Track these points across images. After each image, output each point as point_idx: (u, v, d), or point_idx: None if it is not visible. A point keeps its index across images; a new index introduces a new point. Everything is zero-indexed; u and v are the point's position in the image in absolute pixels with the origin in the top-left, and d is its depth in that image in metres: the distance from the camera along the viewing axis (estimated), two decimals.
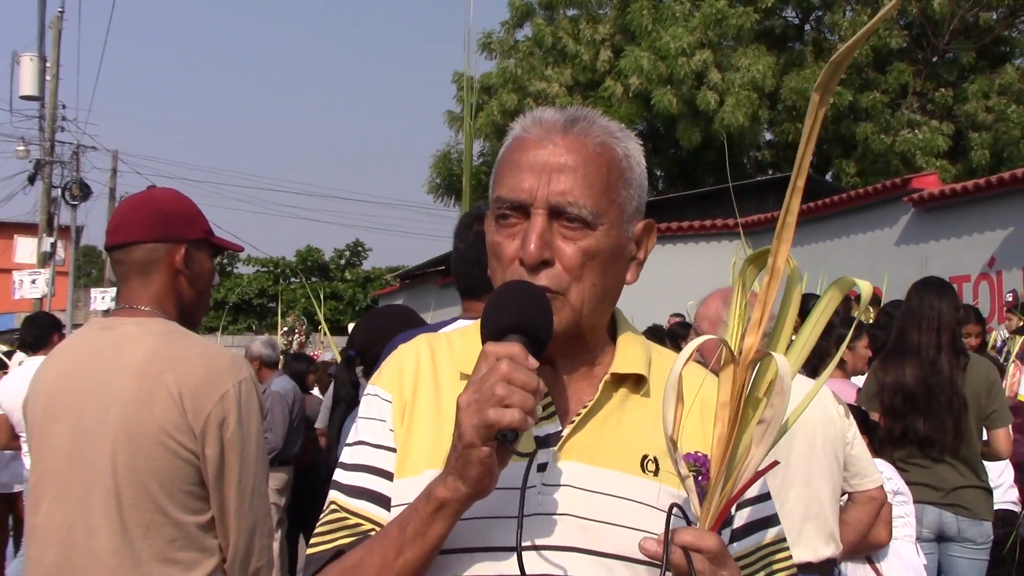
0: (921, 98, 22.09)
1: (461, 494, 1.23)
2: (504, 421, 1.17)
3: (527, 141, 1.42)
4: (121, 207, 2.49)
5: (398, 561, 1.28)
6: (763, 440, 1.24)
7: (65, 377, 2.31)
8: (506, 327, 1.27)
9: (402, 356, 1.51)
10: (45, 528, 2.25)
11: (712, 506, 1.26)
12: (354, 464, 1.45)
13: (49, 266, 22.61)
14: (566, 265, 1.37)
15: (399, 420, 1.43)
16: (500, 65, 23.94)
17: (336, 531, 1.41)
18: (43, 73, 24.39)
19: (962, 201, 12.25)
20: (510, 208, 1.39)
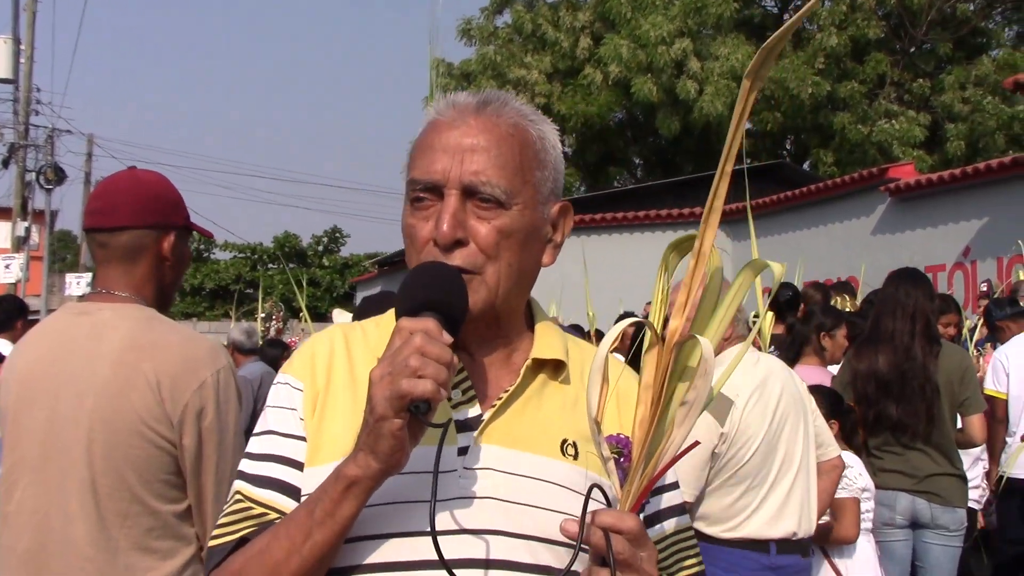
0: (898, 88, 22.20)
1: (373, 470, 1.22)
2: (417, 391, 1.17)
3: (440, 123, 1.42)
4: (107, 188, 2.42)
5: (306, 544, 1.25)
6: (685, 421, 1.26)
7: (40, 363, 2.28)
8: (420, 305, 1.27)
9: (315, 344, 1.49)
10: (19, 516, 2.23)
11: (633, 488, 1.27)
12: (262, 454, 1.42)
13: (23, 251, 22.41)
14: (481, 244, 1.38)
15: (310, 409, 1.41)
16: (479, 52, 23.87)
17: (240, 521, 1.38)
18: (17, 56, 24.11)
19: (938, 191, 12.34)
20: (423, 190, 1.39)
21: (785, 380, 3.56)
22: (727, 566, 3.41)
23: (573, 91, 22.53)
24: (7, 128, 25.30)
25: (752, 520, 3.41)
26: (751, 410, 3.43)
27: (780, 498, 3.43)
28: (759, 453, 3.41)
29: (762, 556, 3.40)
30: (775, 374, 3.55)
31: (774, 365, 3.64)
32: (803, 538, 3.50)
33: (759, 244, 15.58)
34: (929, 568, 4.69)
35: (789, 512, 3.45)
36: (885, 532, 4.60)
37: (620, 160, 25.70)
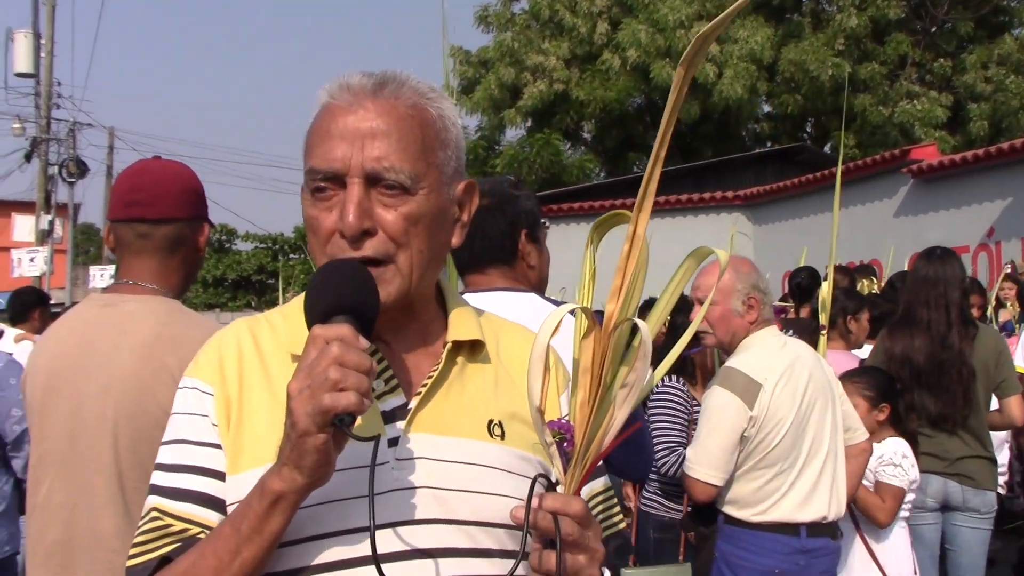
0: (920, 69, 21.98)
1: (298, 484, 1.18)
2: (340, 405, 1.13)
3: (336, 108, 1.35)
4: (143, 178, 2.39)
5: (235, 562, 1.21)
6: (626, 403, 1.26)
7: (65, 355, 2.29)
8: (331, 309, 1.23)
9: (221, 344, 1.42)
10: (47, 508, 2.25)
11: (576, 471, 1.27)
12: (175, 464, 1.35)
13: (47, 244, 22.57)
14: (390, 233, 1.33)
15: (223, 415, 1.35)
16: (497, 38, 23.79)
17: (158, 539, 1.31)
18: (38, 50, 24.24)
19: (961, 172, 12.22)
20: (324, 179, 1.33)
21: (812, 364, 3.55)
22: (757, 550, 3.42)
23: (591, 77, 22.43)
24: (29, 122, 25.48)
25: (782, 504, 3.41)
26: (780, 393, 3.42)
27: (810, 482, 3.43)
28: (788, 436, 3.41)
29: (792, 539, 3.40)
30: (802, 358, 3.54)
31: (801, 349, 3.63)
32: (833, 521, 3.50)
33: (779, 228, 15.51)
34: (959, 551, 4.66)
35: (819, 496, 3.44)
36: (916, 515, 4.58)
37: (639, 145, 25.59)
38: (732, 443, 3.41)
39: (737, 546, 3.46)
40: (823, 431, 3.48)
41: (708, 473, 3.44)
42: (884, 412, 4.09)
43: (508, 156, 22.42)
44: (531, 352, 1.24)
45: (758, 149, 21.85)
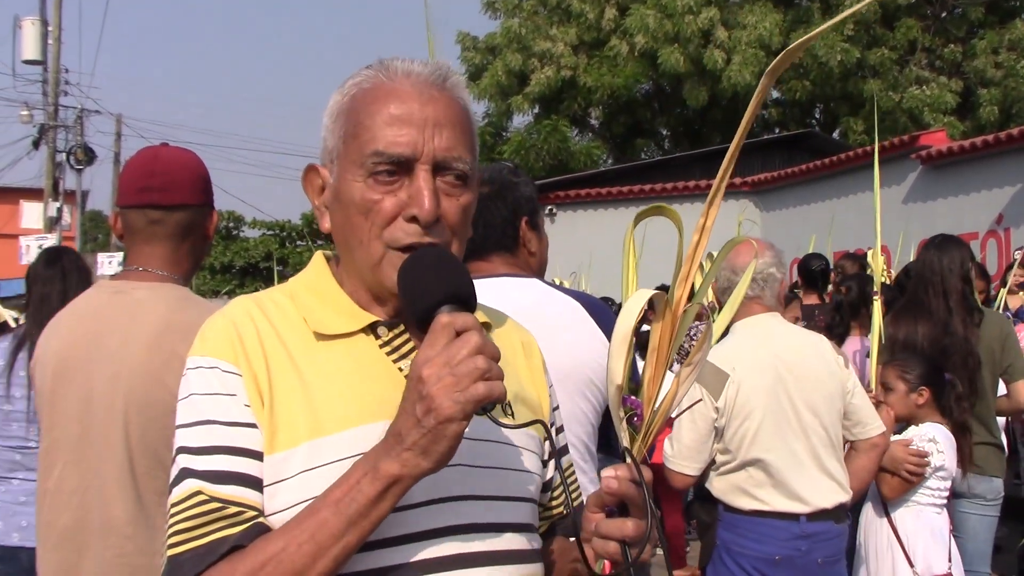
0: (929, 54, 21.87)
1: (420, 470, 1.19)
2: (496, 394, 1.17)
3: (399, 93, 1.35)
4: (155, 164, 2.39)
5: (337, 546, 1.19)
6: (688, 378, 1.37)
7: (76, 342, 2.30)
8: (443, 298, 1.25)
9: (236, 322, 1.38)
10: (58, 494, 2.26)
11: (643, 443, 1.36)
12: (209, 447, 1.29)
13: (56, 231, 22.64)
14: (449, 222, 1.36)
15: (255, 393, 1.31)
16: (504, 25, 23.73)
17: (212, 523, 1.25)
18: (45, 37, 24.25)
19: (970, 158, 12.17)
20: (390, 162, 1.33)
21: (806, 353, 3.52)
22: (757, 537, 3.42)
23: (599, 63, 22.37)
24: (37, 109, 25.51)
25: (773, 494, 3.41)
26: (748, 383, 3.43)
27: (799, 471, 3.42)
28: (764, 426, 3.42)
29: (792, 524, 3.40)
30: (789, 348, 3.52)
31: (791, 339, 3.59)
32: (836, 507, 3.48)
33: (787, 215, 15.48)
34: (966, 538, 4.66)
35: (810, 485, 3.43)
36: None
37: (647, 132, 25.53)
38: (702, 434, 3.46)
39: (737, 534, 3.47)
40: (808, 420, 3.45)
41: (681, 464, 3.52)
42: (923, 396, 4.06)
43: (515, 143, 22.40)
44: (614, 334, 1.32)
45: (766, 135, 21.78)
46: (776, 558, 3.40)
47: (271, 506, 1.28)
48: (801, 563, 3.40)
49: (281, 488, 1.28)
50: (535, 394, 1.53)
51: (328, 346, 1.37)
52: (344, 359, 1.36)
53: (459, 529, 1.32)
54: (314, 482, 1.25)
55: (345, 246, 1.40)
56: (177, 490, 1.29)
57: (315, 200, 1.45)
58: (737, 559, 3.46)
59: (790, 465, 3.43)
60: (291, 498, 1.26)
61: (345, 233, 1.38)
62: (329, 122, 1.42)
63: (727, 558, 3.49)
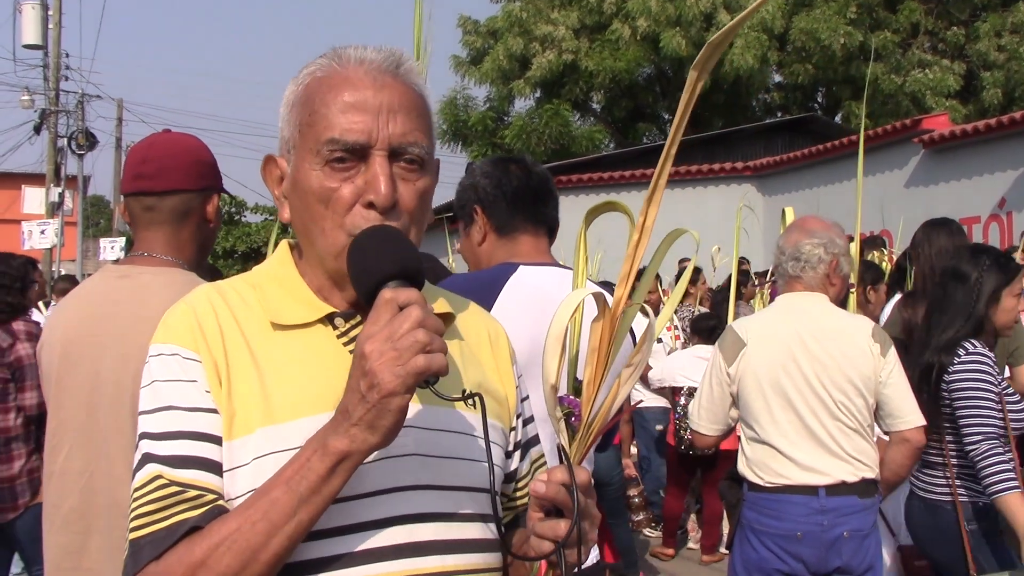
0: (932, 37, 21.81)
1: (368, 445, 1.20)
2: (434, 367, 1.18)
3: (352, 80, 1.36)
4: (150, 152, 2.41)
5: (290, 524, 1.21)
6: (629, 380, 1.35)
7: (82, 325, 2.32)
8: (389, 275, 1.26)
9: (196, 310, 1.39)
10: (64, 476, 2.28)
11: (581, 444, 1.35)
12: (169, 432, 1.30)
13: (57, 216, 22.63)
14: (407, 207, 1.36)
15: (214, 379, 1.33)
16: (505, 8, 23.66)
17: (173, 506, 1.26)
18: (46, 21, 24.21)
19: (973, 142, 12.15)
20: (345, 150, 1.34)
21: (833, 335, 3.52)
22: (777, 514, 3.44)
23: (601, 47, 22.31)
24: (38, 94, 25.49)
25: (792, 467, 3.43)
26: (758, 354, 3.52)
27: (820, 447, 3.44)
28: (774, 399, 3.46)
29: (811, 499, 3.41)
30: (818, 327, 3.52)
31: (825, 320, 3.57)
32: (859, 481, 3.46)
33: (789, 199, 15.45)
34: None
35: (832, 462, 3.44)
36: None
37: (649, 116, 25.47)
38: (717, 397, 3.63)
39: (759, 512, 3.49)
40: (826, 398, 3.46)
41: (699, 424, 3.69)
42: None
43: (517, 127, 22.36)
44: (549, 333, 1.29)
45: (768, 119, 21.74)
46: (797, 534, 3.41)
47: (229, 492, 1.29)
48: (824, 538, 3.40)
49: (238, 474, 1.29)
50: (500, 384, 1.52)
51: (285, 336, 1.38)
52: (300, 349, 1.37)
53: (411, 518, 1.33)
54: (268, 468, 1.26)
55: (306, 235, 1.41)
56: (139, 475, 1.31)
57: (275, 191, 1.46)
58: (760, 538, 3.49)
59: (804, 440, 3.44)
60: (246, 484, 1.28)
61: (305, 222, 1.39)
62: (285, 112, 1.43)
63: (752, 537, 3.52)
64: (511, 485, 1.56)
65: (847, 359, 3.50)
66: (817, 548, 3.41)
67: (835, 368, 3.48)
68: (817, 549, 3.41)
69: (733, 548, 3.66)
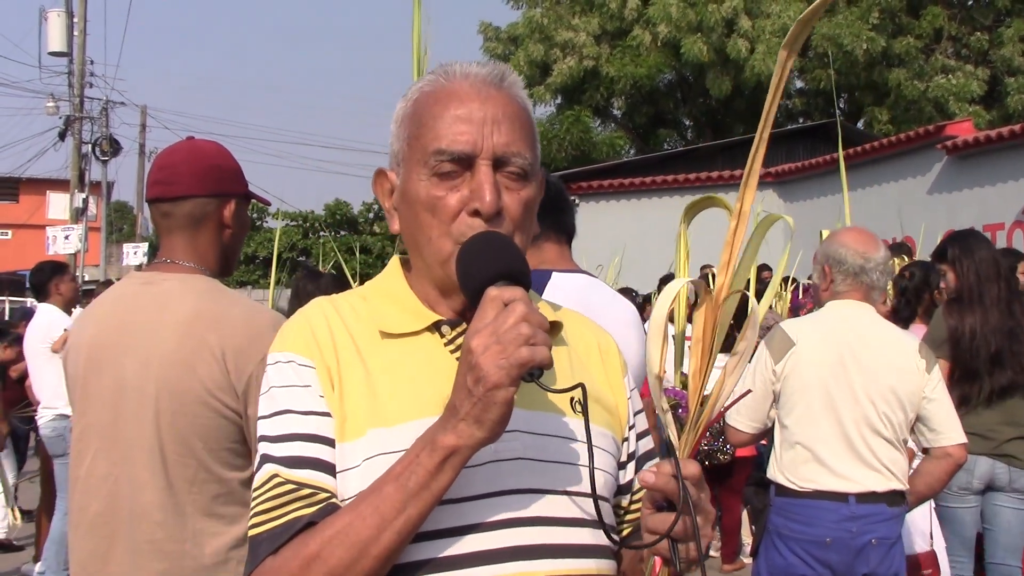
0: (955, 43, 21.67)
1: (476, 439, 1.23)
2: (538, 358, 1.20)
3: (458, 93, 1.42)
4: (168, 159, 2.45)
5: (400, 519, 1.25)
6: (736, 369, 1.34)
7: (107, 331, 2.34)
8: (495, 274, 1.29)
9: (310, 320, 1.46)
10: (89, 480, 2.30)
11: (689, 436, 1.34)
12: (284, 434, 1.37)
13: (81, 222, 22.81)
14: (511, 215, 1.40)
15: (328, 385, 1.39)
16: (526, 15, 23.70)
17: (289, 503, 1.32)
18: (71, 29, 24.42)
19: (996, 148, 12.07)
20: (451, 160, 1.39)
21: (880, 346, 3.51)
22: (806, 520, 3.43)
23: (622, 53, 22.31)
24: (63, 101, 25.71)
25: (825, 473, 3.42)
26: (808, 356, 3.48)
27: (855, 456, 3.43)
28: (813, 401, 3.45)
29: (841, 506, 3.40)
30: (867, 336, 3.51)
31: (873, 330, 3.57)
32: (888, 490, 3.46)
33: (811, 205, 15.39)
34: (998, 530, 4.64)
35: (864, 471, 3.43)
36: (960, 498, 4.58)
37: (670, 122, 25.45)
38: (759, 394, 3.56)
39: (787, 517, 3.47)
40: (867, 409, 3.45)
41: (737, 420, 3.64)
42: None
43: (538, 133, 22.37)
44: (651, 322, 1.31)
45: (790, 125, 21.65)
46: (827, 540, 3.40)
47: (342, 492, 1.34)
48: (853, 545, 3.39)
49: (349, 475, 1.34)
50: (610, 394, 1.54)
51: (394, 344, 1.43)
52: (408, 356, 1.41)
53: (519, 522, 1.34)
54: (377, 469, 1.30)
55: (414, 245, 1.46)
56: (258, 475, 1.37)
57: (385, 203, 1.52)
58: (788, 543, 3.47)
59: (841, 447, 3.43)
60: (357, 485, 1.32)
61: (413, 231, 1.44)
62: (395, 128, 1.49)
63: (778, 543, 3.50)
64: (626, 497, 1.56)
65: (895, 371, 3.50)
66: (845, 555, 3.40)
67: (883, 379, 3.48)
68: (845, 556, 3.40)
69: (758, 554, 3.64)
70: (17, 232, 35.99)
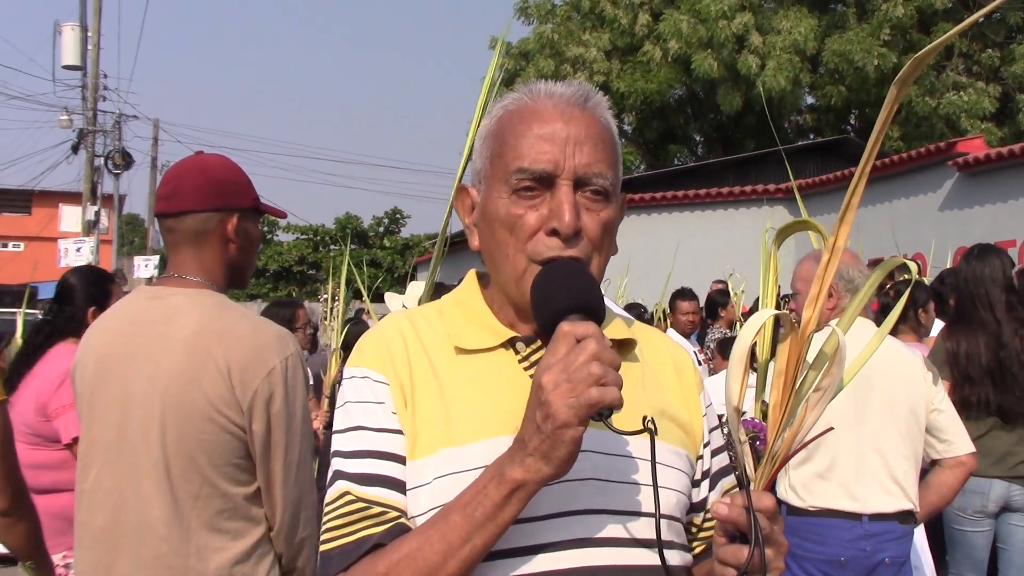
0: (967, 59, 21.64)
1: (543, 475, 1.23)
2: (607, 399, 1.19)
3: (541, 113, 1.42)
4: (172, 173, 2.47)
5: (465, 547, 1.26)
6: (818, 405, 1.30)
7: (114, 346, 2.34)
8: (568, 307, 1.29)
9: (386, 336, 1.47)
10: (95, 494, 2.29)
11: (766, 468, 1.31)
12: (357, 451, 1.39)
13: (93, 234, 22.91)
14: (590, 236, 1.39)
15: (401, 402, 1.40)
16: (537, 30, 23.78)
17: (358, 522, 1.34)
18: (84, 43, 24.58)
19: (1008, 165, 12.03)
20: (533, 178, 1.39)
21: (890, 360, 3.50)
22: (819, 539, 3.41)
23: (632, 68, 22.36)
24: (76, 114, 25.84)
25: (839, 494, 3.40)
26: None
27: (869, 475, 3.41)
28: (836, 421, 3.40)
29: (855, 525, 3.38)
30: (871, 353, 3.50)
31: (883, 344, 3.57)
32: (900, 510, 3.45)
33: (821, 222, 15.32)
34: (1013, 551, 4.60)
35: (878, 490, 3.41)
36: (975, 522, 4.54)
37: (680, 137, 25.47)
38: None
39: (800, 537, 3.45)
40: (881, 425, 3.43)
41: None
42: None
43: None
44: (732, 353, 1.30)
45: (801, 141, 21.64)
46: (841, 560, 3.38)
47: (412, 510, 1.35)
48: (867, 563, 3.37)
49: (420, 493, 1.35)
50: (684, 410, 1.53)
51: (469, 360, 1.43)
52: (482, 373, 1.42)
53: (588, 542, 1.34)
54: (448, 488, 1.31)
55: (492, 262, 1.46)
56: (330, 491, 1.39)
57: (465, 219, 1.53)
58: (801, 563, 3.45)
59: (856, 465, 3.42)
60: (427, 503, 1.33)
61: (491, 248, 1.45)
62: (479, 144, 1.50)
63: (791, 563, 3.47)
64: (700, 515, 1.54)
65: (906, 385, 3.51)
66: (859, 574, 3.38)
67: (897, 394, 3.49)
68: (859, 575, 3.38)
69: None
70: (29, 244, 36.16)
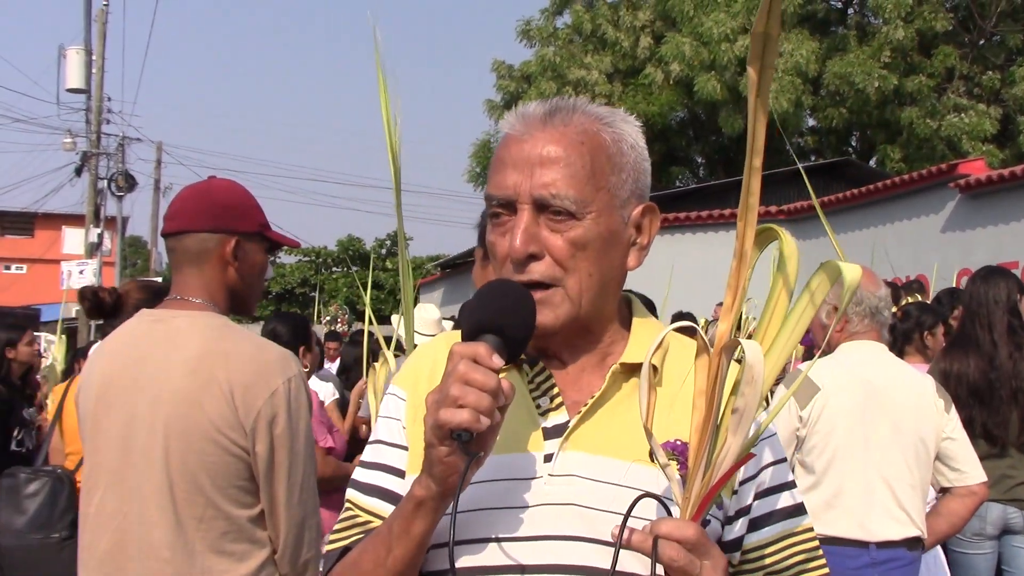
0: (968, 82, 21.70)
1: (433, 492, 1.26)
2: (454, 421, 1.19)
3: (511, 137, 1.42)
4: (179, 196, 2.51)
5: (388, 558, 1.31)
6: (738, 429, 1.21)
7: (117, 369, 2.34)
8: (479, 327, 1.28)
9: (419, 355, 1.55)
10: (98, 517, 2.29)
11: (692, 495, 1.23)
12: (371, 463, 1.48)
13: (96, 256, 22.96)
14: (556, 257, 1.37)
15: (411, 419, 1.45)
16: (539, 53, 23.87)
17: (349, 528, 1.45)
18: (89, 66, 24.68)
19: (1010, 187, 12.04)
20: (499, 205, 1.40)
21: (900, 387, 3.49)
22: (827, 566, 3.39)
23: (634, 91, 22.43)
24: (80, 137, 25.94)
25: (846, 521, 3.38)
26: (835, 401, 3.43)
27: (876, 502, 3.39)
28: (843, 448, 3.40)
29: (862, 552, 3.36)
30: (886, 377, 3.48)
31: (892, 370, 3.55)
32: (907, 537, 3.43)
33: (823, 243, 15.35)
34: (1019, 572, 4.57)
35: (885, 518, 3.39)
36: (974, 544, 4.51)
37: (682, 159, 25.52)
38: (785, 439, 3.45)
39: None
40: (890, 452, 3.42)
41: None
42: None
43: None
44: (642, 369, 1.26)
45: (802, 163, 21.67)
46: None
47: None
48: None
49: None
50: None
51: None
52: None
53: (566, 569, 1.31)
54: None
55: None
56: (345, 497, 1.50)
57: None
58: None
59: (863, 492, 3.40)
60: None
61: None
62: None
63: None
64: (736, 555, 1.44)
65: (917, 413, 3.49)
66: None
67: (908, 422, 3.47)
68: None
69: None
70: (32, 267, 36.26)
